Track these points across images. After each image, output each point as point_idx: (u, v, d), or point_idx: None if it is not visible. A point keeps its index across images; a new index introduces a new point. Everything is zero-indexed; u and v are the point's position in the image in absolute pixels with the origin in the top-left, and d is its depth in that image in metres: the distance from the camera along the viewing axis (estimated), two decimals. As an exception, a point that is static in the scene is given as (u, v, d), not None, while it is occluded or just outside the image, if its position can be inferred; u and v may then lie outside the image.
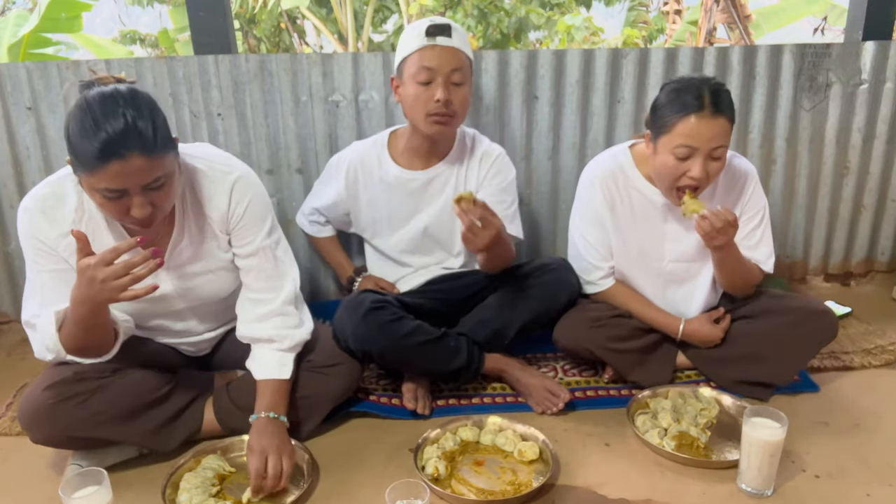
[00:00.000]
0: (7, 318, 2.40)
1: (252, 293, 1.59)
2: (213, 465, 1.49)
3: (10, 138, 2.19)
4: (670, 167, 1.63)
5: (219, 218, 1.53)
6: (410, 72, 1.75)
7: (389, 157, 1.93)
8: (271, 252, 1.59)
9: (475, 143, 1.96)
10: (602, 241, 1.85)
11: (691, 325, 1.84)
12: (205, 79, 2.18)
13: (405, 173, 1.92)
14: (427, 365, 1.76)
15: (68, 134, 1.28)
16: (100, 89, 1.29)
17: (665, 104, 1.63)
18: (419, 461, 1.50)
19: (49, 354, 1.42)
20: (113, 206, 1.30)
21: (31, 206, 1.41)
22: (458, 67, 1.75)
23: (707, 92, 1.58)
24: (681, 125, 1.59)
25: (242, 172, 1.55)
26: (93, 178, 1.26)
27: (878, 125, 2.52)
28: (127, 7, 12.05)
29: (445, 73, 1.73)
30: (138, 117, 1.25)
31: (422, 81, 1.73)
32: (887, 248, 2.72)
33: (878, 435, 1.65)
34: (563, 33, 10.53)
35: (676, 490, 1.45)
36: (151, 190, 1.30)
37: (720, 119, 1.58)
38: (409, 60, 1.75)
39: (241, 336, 1.61)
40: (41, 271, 1.43)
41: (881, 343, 2.12)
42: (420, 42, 1.73)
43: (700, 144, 1.58)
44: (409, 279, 2.01)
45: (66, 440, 1.48)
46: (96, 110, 1.25)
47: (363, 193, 1.96)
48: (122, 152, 1.23)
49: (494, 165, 1.92)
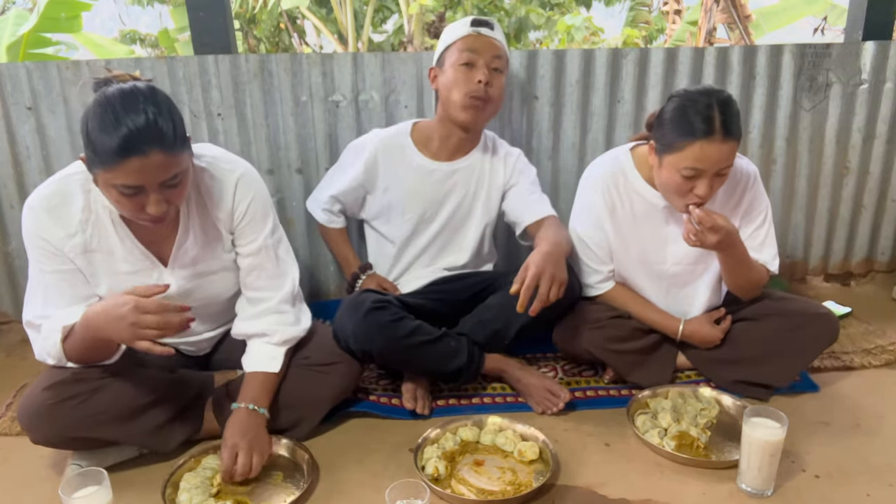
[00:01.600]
0: (7, 318, 2.40)
1: (251, 292, 1.60)
2: (213, 465, 1.49)
3: (10, 138, 2.19)
4: (677, 184, 1.62)
5: (223, 216, 1.54)
6: (453, 58, 1.85)
7: (413, 147, 1.97)
8: (273, 251, 1.60)
9: (496, 144, 2.03)
10: (602, 244, 1.85)
11: (691, 325, 1.84)
12: (205, 79, 2.18)
13: (429, 163, 1.96)
14: (427, 365, 1.76)
15: (87, 129, 1.27)
16: (119, 86, 1.29)
17: (673, 122, 1.60)
18: (419, 461, 1.50)
19: (50, 360, 1.43)
20: (128, 202, 1.30)
21: (37, 205, 1.41)
22: (499, 55, 1.86)
23: (717, 113, 1.55)
24: (690, 149, 1.56)
25: (245, 170, 1.56)
26: (111, 173, 1.26)
27: (878, 125, 2.52)
28: (127, 7, 12.06)
29: (487, 59, 1.83)
30: (159, 114, 1.26)
31: (464, 63, 1.83)
32: (887, 248, 2.72)
33: (879, 435, 1.65)
34: (563, 33, 10.53)
35: (676, 490, 1.45)
36: (168, 187, 1.31)
37: (729, 142, 1.56)
38: (452, 48, 1.86)
39: (235, 334, 1.62)
40: (45, 271, 1.43)
41: (881, 343, 2.12)
42: (465, 31, 1.85)
43: (708, 167, 1.57)
44: (410, 280, 2.01)
45: (65, 440, 1.48)
46: (117, 106, 1.25)
47: (382, 178, 1.97)
48: (143, 148, 1.24)
49: (519, 163, 2.00)
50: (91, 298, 1.47)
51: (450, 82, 1.85)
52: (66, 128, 2.19)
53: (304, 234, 2.37)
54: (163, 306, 1.28)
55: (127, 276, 1.49)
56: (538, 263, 1.56)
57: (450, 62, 1.86)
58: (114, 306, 1.29)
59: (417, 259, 2.01)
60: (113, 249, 1.46)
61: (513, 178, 1.99)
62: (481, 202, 1.98)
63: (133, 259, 1.48)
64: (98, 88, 1.31)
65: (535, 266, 1.56)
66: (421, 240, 1.99)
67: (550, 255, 1.60)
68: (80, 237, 1.43)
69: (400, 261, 2.03)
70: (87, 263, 1.45)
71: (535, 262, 1.57)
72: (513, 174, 1.99)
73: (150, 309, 1.27)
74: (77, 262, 1.44)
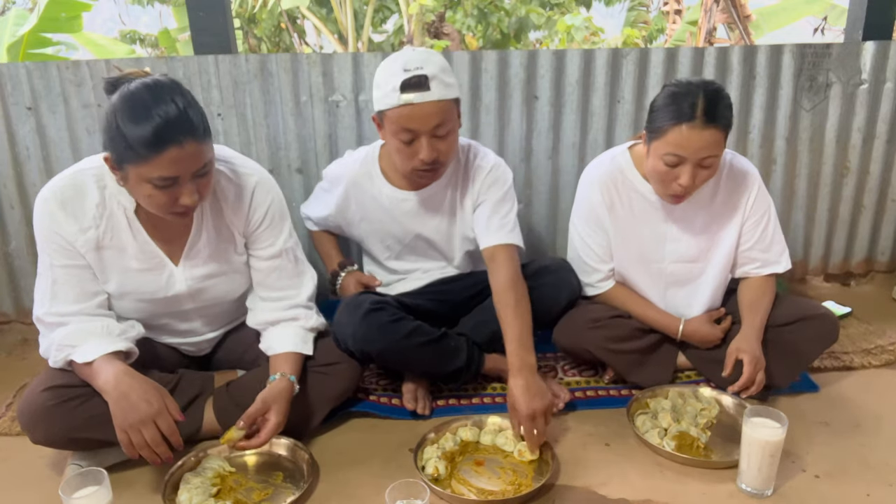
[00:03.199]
0: (7, 318, 2.39)
1: (273, 292, 1.62)
2: (213, 465, 1.49)
3: (10, 138, 2.19)
4: (660, 172, 1.64)
5: (238, 219, 1.54)
6: (391, 128, 1.63)
7: (381, 175, 1.83)
8: (293, 253, 1.64)
9: (469, 157, 1.83)
10: (602, 243, 1.85)
11: (691, 325, 1.84)
12: (205, 79, 2.18)
13: (398, 193, 1.82)
14: (427, 365, 1.76)
15: (115, 126, 1.27)
16: (142, 80, 1.29)
17: (660, 108, 1.62)
18: (419, 461, 1.50)
19: (52, 363, 1.44)
20: (162, 195, 1.31)
21: (50, 198, 1.41)
22: (441, 122, 1.60)
23: (702, 100, 1.55)
24: (672, 133, 1.58)
25: (262, 176, 1.57)
26: (146, 166, 1.27)
27: (878, 125, 2.52)
28: (127, 7, 12.06)
29: (428, 131, 1.60)
30: (187, 105, 1.29)
31: (404, 141, 1.62)
32: (887, 248, 2.72)
33: (878, 435, 1.65)
34: (563, 33, 10.53)
35: (676, 490, 1.45)
36: (199, 177, 1.33)
37: (711, 129, 1.56)
38: (387, 115, 1.61)
39: (255, 323, 1.63)
40: (54, 266, 1.43)
41: (881, 343, 2.12)
42: (396, 99, 1.57)
43: (689, 154, 1.58)
44: (408, 281, 2.01)
45: (65, 441, 1.48)
46: (147, 99, 1.26)
47: (355, 212, 1.90)
48: (179, 138, 1.26)
49: (488, 178, 1.80)
50: (99, 295, 1.48)
51: (393, 150, 1.68)
52: (66, 128, 2.19)
53: (304, 234, 2.36)
54: (171, 433, 1.32)
55: (137, 273, 1.49)
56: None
57: (388, 128, 1.64)
58: (137, 393, 1.32)
59: (409, 273, 1.99)
60: (125, 246, 1.47)
61: (481, 195, 1.81)
62: (458, 221, 1.88)
63: (144, 257, 1.49)
64: (111, 88, 1.32)
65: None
66: (407, 260, 1.96)
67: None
68: (93, 232, 1.43)
69: (393, 273, 2.01)
70: (97, 259, 1.46)
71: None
72: (481, 191, 1.81)
73: (163, 429, 1.31)
74: (88, 257, 1.44)
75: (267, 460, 1.56)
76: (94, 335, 1.42)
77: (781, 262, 1.84)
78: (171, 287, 1.53)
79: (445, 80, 1.60)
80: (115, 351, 1.40)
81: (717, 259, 1.83)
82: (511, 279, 1.67)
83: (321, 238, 2.11)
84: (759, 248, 1.81)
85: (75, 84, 2.15)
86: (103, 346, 1.39)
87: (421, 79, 1.55)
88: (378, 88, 1.63)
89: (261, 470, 1.52)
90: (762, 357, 1.65)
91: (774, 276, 1.85)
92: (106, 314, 1.49)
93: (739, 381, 1.62)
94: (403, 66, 1.57)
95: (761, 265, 1.83)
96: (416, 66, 1.56)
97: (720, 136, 1.58)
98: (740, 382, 1.62)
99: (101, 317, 1.47)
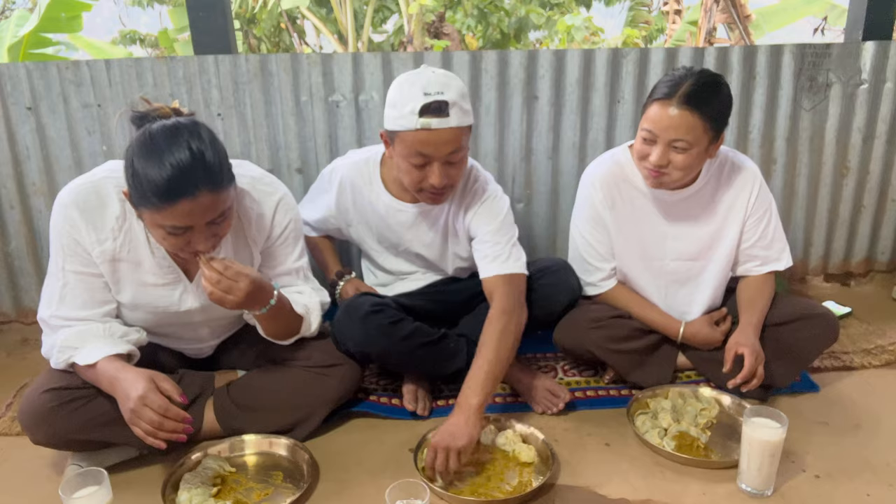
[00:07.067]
0: (7, 318, 2.39)
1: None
2: (213, 465, 1.49)
3: (10, 138, 2.19)
4: (638, 149, 1.67)
5: (259, 236, 1.55)
6: (403, 150, 1.58)
7: (381, 182, 1.80)
8: (303, 273, 1.65)
9: (469, 179, 1.79)
10: (603, 242, 1.85)
11: (692, 327, 1.83)
12: (205, 79, 2.18)
13: (396, 203, 1.79)
14: (427, 366, 1.76)
15: (132, 169, 1.26)
16: (163, 123, 1.28)
17: (652, 89, 1.67)
18: (419, 461, 1.50)
19: (53, 363, 1.44)
20: (175, 240, 1.31)
21: (71, 204, 1.39)
22: (456, 149, 1.57)
23: (688, 83, 1.57)
24: (650, 109, 1.62)
25: (284, 193, 1.58)
26: (159, 215, 1.26)
27: (878, 125, 2.52)
28: (127, 7, 12.06)
29: (442, 157, 1.56)
30: (204, 152, 1.26)
31: (415, 164, 1.58)
32: (887, 248, 2.72)
33: (878, 435, 1.65)
34: (563, 33, 10.55)
35: (676, 490, 1.45)
36: (215, 224, 1.32)
37: (686, 111, 1.56)
38: (400, 136, 1.56)
39: None
40: (66, 270, 1.43)
41: (881, 343, 2.12)
42: (413, 123, 1.52)
43: (659, 132, 1.60)
44: (408, 282, 2.00)
45: (66, 441, 1.48)
46: (163, 146, 1.24)
47: (353, 213, 1.89)
48: (192, 191, 1.24)
49: (483, 208, 1.75)
50: (107, 304, 1.47)
51: (402, 171, 1.63)
52: (66, 128, 2.19)
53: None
54: (165, 409, 1.29)
55: (152, 287, 1.49)
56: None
57: (400, 150, 1.59)
58: (127, 382, 1.31)
59: (409, 274, 1.99)
60: (141, 261, 1.46)
61: (472, 224, 1.77)
62: (450, 239, 1.87)
63: (160, 272, 1.48)
64: (138, 122, 1.31)
65: None
66: (403, 264, 1.95)
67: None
68: (111, 244, 1.42)
69: (392, 274, 2.01)
70: (111, 271, 1.45)
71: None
72: (474, 218, 1.76)
73: (154, 407, 1.29)
74: (102, 268, 1.43)
75: (267, 460, 1.56)
76: (97, 337, 1.42)
77: (782, 260, 1.84)
78: (184, 303, 1.53)
79: (464, 107, 1.56)
80: (117, 353, 1.40)
81: (719, 257, 1.83)
82: (502, 310, 1.63)
83: (319, 245, 2.10)
84: (760, 245, 1.81)
85: (75, 84, 2.15)
86: (105, 349, 1.39)
87: (441, 104, 1.51)
88: (393, 108, 1.57)
89: (260, 470, 1.52)
90: (762, 351, 1.65)
91: (773, 274, 1.85)
92: (110, 321, 1.49)
93: (741, 374, 1.61)
94: (423, 89, 1.52)
95: (762, 263, 1.84)
96: (436, 91, 1.51)
97: (696, 122, 1.57)
98: (742, 375, 1.61)
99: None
